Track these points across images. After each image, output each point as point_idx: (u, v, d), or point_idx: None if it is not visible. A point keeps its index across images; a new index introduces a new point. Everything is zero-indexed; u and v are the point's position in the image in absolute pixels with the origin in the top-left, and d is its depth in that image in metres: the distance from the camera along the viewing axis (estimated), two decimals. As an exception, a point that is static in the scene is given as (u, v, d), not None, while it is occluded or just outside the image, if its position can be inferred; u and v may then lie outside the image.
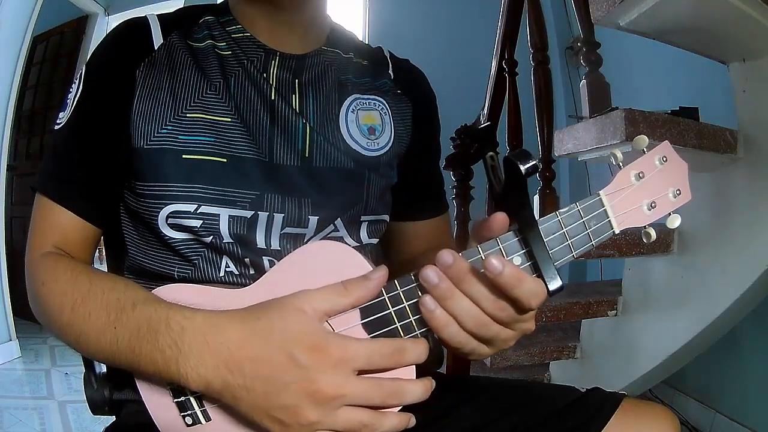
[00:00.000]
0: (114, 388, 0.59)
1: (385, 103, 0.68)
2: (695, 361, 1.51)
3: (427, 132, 0.74)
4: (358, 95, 0.67)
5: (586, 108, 1.45)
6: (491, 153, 0.48)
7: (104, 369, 0.63)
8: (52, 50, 3.58)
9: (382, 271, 0.46)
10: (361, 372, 0.44)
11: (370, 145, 0.65)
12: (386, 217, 0.67)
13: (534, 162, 0.44)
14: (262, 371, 0.43)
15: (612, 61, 1.64)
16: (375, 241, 0.66)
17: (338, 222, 0.61)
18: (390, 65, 0.73)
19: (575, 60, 2.97)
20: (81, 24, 3.46)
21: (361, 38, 0.73)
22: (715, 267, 1.29)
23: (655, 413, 0.61)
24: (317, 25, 0.67)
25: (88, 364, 0.60)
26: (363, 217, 0.64)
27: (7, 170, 2.75)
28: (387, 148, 0.67)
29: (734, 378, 1.71)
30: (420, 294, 0.45)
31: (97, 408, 0.59)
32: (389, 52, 0.75)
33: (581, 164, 1.87)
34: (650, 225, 0.47)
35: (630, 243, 1.32)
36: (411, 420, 0.46)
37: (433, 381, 0.46)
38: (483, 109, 1.86)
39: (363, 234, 0.64)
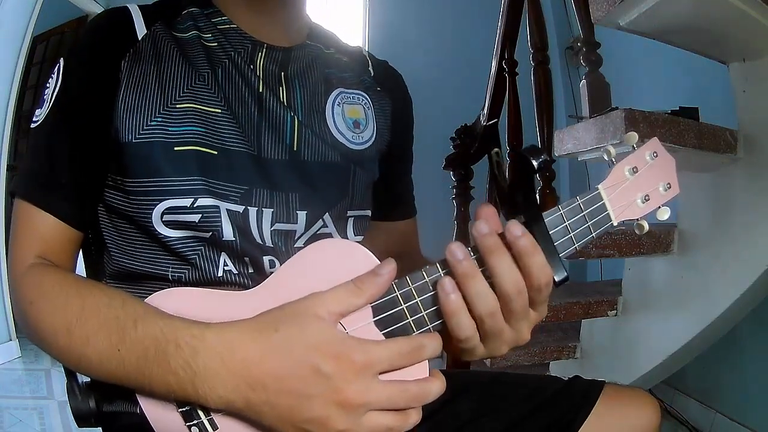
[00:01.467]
0: (102, 398, 0.56)
1: (367, 97, 0.69)
2: (695, 361, 1.51)
3: (405, 133, 0.75)
4: (342, 89, 0.67)
5: (586, 108, 1.45)
6: (496, 149, 0.50)
7: (87, 378, 0.59)
8: (52, 50, 3.59)
9: (392, 265, 0.45)
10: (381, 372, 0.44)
11: (355, 138, 0.65)
12: (369, 213, 0.67)
13: (545, 157, 0.46)
14: (286, 386, 0.42)
15: (612, 61, 1.64)
16: (360, 238, 0.66)
17: (326, 217, 0.61)
18: (369, 63, 0.73)
19: (575, 60, 2.96)
20: (81, 24, 3.46)
21: (361, 39, 0.74)
22: (715, 267, 1.29)
23: (637, 397, 0.63)
24: (299, 21, 0.66)
25: (70, 372, 0.57)
26: (349, 212, 0.64)
27: (7, 170, 2.75)
28: (371, 143, 0.67)
29: (734, 378, 1.71)
30: (431, 289, 0.46)
31: (82, 420, 0.57)
32: (368, 52, 0.76)
33: (581, 164, 1.86)
34: (643, 218, 0.49)
35: (630, 243, 1.32)
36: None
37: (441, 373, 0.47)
38: (483, 109, 1.86)
39: (350, 230, 0.64)
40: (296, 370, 0.42)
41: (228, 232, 0.55)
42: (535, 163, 0.45)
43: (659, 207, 0.50)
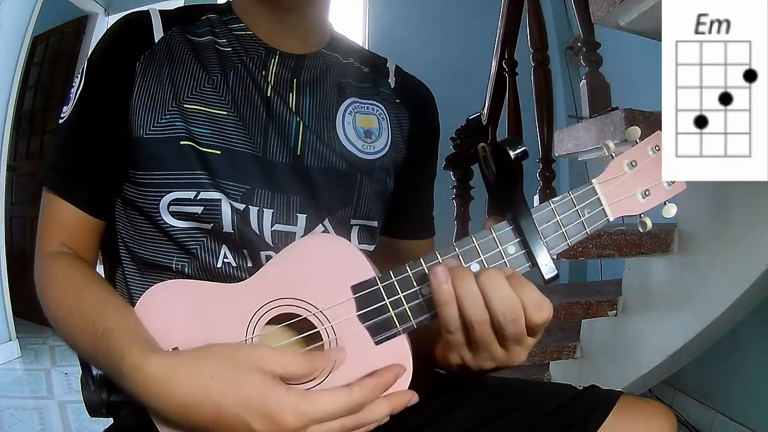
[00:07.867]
0: (111, 389, 0.58)
1: (383, 108, 0.69)
2: (695, 361, 1.51)
3: (424, 150, 0.73)
4: (356, 98, 0.67)
5: (586, 108, 1.45)
6: (482, 144, 0.49)
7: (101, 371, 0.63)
8: (52, 50, 3.58)
9: (342, 354, 0.47)
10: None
11: (365, 147, 0.65)
12: (377, 224, 0.66)
13: (524, 147, 0.45)
14: (221, 430, 0.44)
15: (612, 61, 1.64)
16: (368, 247, 0.65)
17: (327, 223, 0.61)
18: (390, 75, 0.73)
19: (575, 60, 2.97)
20: (81, 24, 3.46)
21: (361, 38, 0.74)
22: (715, 267, 1.29)
23: (652, 410, 0.61)
24: (318, 28, 0.68)
25: (85, 366, 0.60)
26: (353, 221, 0.63)
27: (7, 170, 2.75)
28: (383, 153, 0.67)
29: (734, 378, 1.71)
30: (415, 285, 0.46)
31: (94, 410, 0.59)
32: (396, 65, 0.75)
33: (581, 164, 1.86)
34: (645, 215, 0.48)
35: (630, 243, 1.32)
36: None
37: (411, 395, 0.47)
38: (483, 109, 1.86)
39: (353, 238, 0.64)
40: (228, 420, 0.43)
41: (228, 224, 0.57)
42: (512, 153, 0.44)
43: (665, 203, 0.48)
